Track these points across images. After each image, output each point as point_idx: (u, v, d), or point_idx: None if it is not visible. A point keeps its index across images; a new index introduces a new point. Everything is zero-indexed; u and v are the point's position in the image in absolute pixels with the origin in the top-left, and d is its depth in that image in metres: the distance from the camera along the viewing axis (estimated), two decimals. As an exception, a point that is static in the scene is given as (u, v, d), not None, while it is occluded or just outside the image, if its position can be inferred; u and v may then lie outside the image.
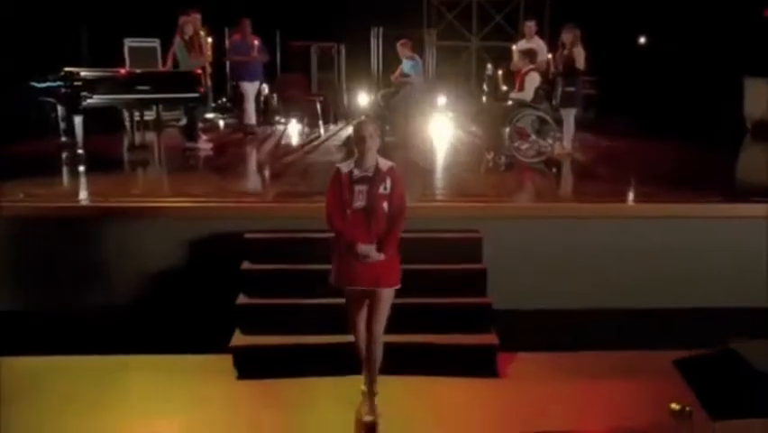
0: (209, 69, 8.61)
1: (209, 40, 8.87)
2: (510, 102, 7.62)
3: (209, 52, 8.57)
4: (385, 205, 3.59)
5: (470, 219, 5.06)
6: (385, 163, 3.64)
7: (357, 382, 3.72)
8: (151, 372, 4.32)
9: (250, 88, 9.24)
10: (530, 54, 7.79)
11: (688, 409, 2.42)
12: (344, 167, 3.63)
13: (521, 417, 3.78)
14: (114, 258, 4.83)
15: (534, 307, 4.87)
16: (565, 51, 7.81)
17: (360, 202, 3.57)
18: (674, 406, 2.76)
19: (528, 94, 7.34)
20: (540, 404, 3.89)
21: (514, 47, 8.34)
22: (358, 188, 3.58)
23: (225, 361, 4.27)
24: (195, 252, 4.89)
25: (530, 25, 8.82)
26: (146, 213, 5.02)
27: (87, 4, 11.16)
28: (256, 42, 9.19)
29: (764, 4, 11.89)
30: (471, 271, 4.68)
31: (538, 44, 8.44)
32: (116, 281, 4.84)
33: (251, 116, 9.40)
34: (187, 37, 8.09)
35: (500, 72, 7.15)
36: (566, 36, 7.80)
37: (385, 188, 3.59)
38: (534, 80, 7.37)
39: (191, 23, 8.17)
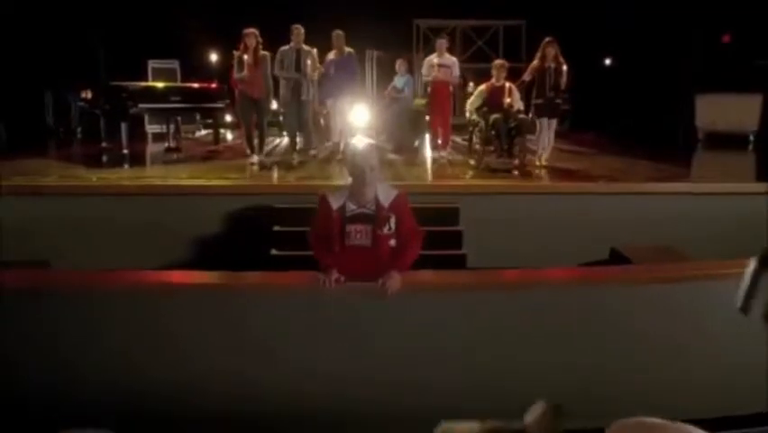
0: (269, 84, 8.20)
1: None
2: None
3: (254, 68, 7.80)
4: (392, 242, 3.00)
5: (451, 195, 6.39)
6: (387, 196, 2.94)
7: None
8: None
9: (330, 105, 9.04)
10: (445, 68, 8.41)
11: None
12: (334, 199, 2.95)
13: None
14: (174, 225, 6.07)
15: (501, 265, 5.81)
16: (552, 65, 7.79)
17: (357, 241, 2.96)
18: None
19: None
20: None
21: (427, 59, 8.78)
22: (354, 227, 2.94)
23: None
24: (238, 219, 6.16)
25: (442, 42, 8.88)
26: (198, 191, 6.34)
27: (104, 27, 12.61)
28: (332, 57, 8.65)
29: (715, 32, 13.57)
30: (451, 232, 6.02)
31: (451, 60, 8.80)
32: (177, 243, 6.08)
33: (333, 134, 9.10)
34: (251, 49, 7.76)
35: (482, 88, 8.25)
36: (549, 50, 7.81)
37: (390, 228, 2.95)
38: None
39: (255, 35, 7.80)
